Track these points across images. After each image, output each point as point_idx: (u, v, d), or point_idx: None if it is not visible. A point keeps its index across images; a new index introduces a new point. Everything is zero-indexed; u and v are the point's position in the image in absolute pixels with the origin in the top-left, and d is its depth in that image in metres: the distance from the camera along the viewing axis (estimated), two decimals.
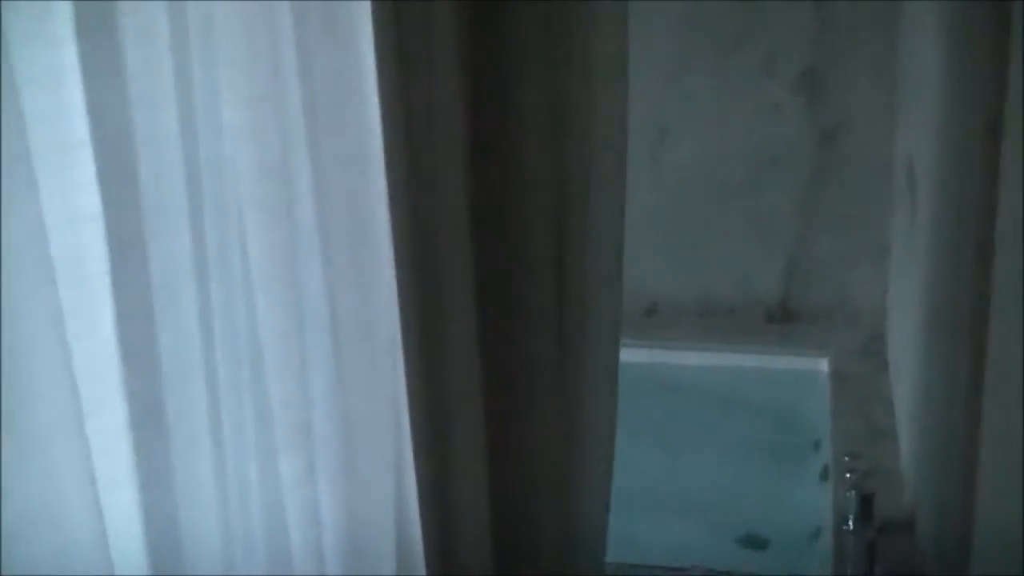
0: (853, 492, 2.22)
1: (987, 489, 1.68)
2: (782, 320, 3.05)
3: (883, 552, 2.14)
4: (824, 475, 2.54)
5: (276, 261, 1.31)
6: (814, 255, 3.01)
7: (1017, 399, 1.55)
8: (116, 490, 1.16)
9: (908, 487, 2.33)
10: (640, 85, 1.66)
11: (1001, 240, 1.64)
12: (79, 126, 1.10)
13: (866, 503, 2.20)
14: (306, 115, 1.31)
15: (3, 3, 0.79)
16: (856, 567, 2.13)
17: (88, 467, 1.07)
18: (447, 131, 1.46)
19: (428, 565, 1.48)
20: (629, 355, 1.85)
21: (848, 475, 2.34)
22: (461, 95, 1.48)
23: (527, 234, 1.62)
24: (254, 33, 1.25)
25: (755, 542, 2.58)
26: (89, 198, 1.11)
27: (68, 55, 1.08)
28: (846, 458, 2.41)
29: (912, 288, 2.47)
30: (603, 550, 1.78)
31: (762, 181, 2.98)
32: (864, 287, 2.98)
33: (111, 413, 1.16)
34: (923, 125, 2.39)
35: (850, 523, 2.20)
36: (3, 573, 0.98)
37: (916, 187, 2.44)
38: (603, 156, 1.63)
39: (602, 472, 1.76)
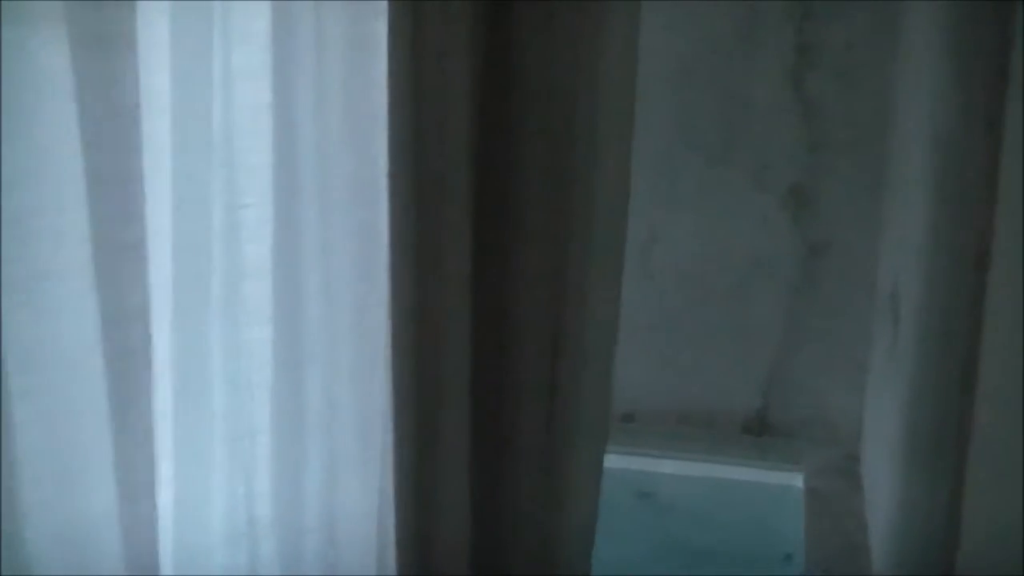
0: None
1: None
2: (759, 432, 3.05)
3: None
4: None
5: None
6: (793, 369, 3.02)
7: (996, 527, 1.55)
8: None
9: None
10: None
11: (985, 370, 1.65)
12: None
13: None
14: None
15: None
16: None
17: None
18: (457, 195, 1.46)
19: None
20: (605, 460, 1.84)
21: None
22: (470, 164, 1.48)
23: (523, 297, 1.60)
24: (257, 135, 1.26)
25: None
26: None
27: None
28: (820, 574, 2.40)
29: (890, 411, 2.47)
30: None
31: (746, 292, 2.99)
32: (841, 404, 2.99)
33: None
34: (909, 251, 2.40)
35: None
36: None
37: (899, 312, 2.45)
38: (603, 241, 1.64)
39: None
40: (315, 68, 1.28)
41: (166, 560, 1.27)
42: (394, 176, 1.36)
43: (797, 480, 2.85)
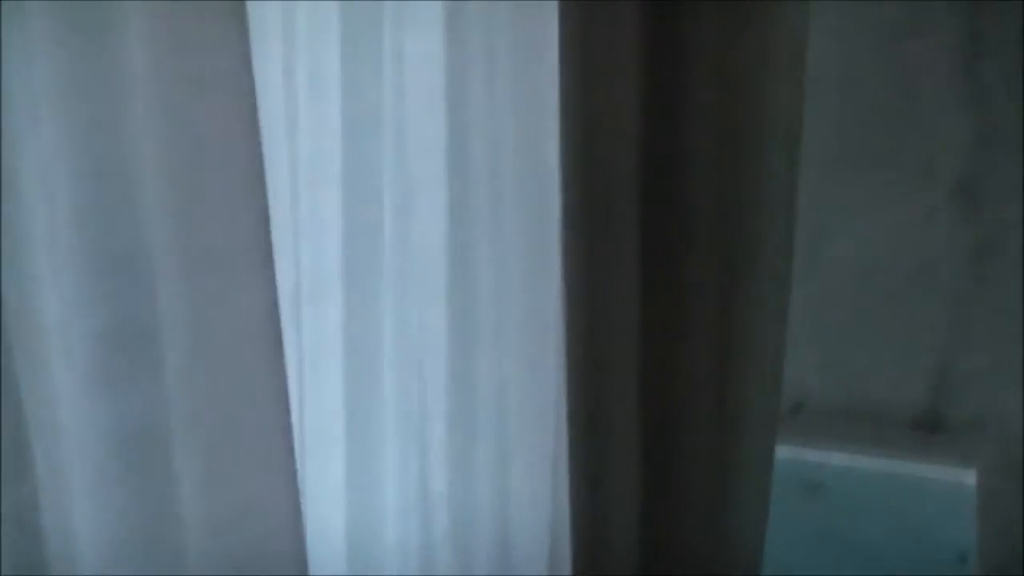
0: None
1: None
2: (929, 429, 2.99)
3: None
4: None
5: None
6: (963, 366, 2.95)
7: None
8: None
9: None
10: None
11: None
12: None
13: None
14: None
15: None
16: None
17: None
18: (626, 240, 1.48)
19: None
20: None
21: None
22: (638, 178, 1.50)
23: (693, 290, 1.62)
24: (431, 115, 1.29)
25: None
26: None
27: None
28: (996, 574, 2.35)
29: None
30: None
31: (914, 289, 2.94)
32: (1014, 403, 2.91)
33: None
34: None
35: None
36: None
37: None
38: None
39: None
40: (487, 53, 1.31)
41: (339, 535, 1.30)
42: (565, 163, 1.38)
43: (970, 478, 2.78)
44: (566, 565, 1.47)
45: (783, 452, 2.65)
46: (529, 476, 1.44)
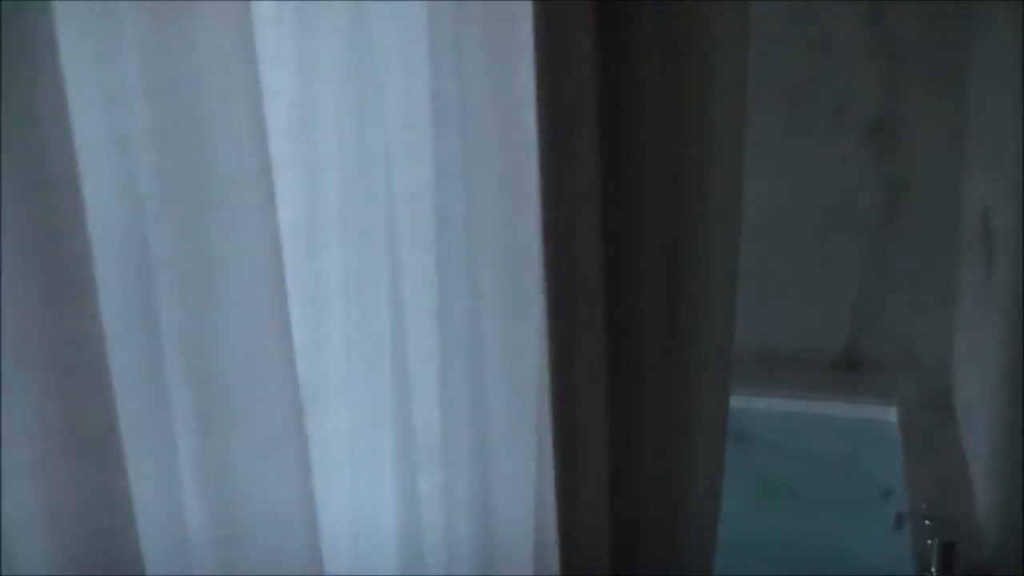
0: (935, 540, 2.23)
1: None
2: (847, 369, 3.06)
3: None
4: (898, 524, 2.53)
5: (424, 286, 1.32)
6: (879, 306, 3.03)
7: None
8: None
9: (989, 539, 2.33)
10: None
11: None
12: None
13: (948, 551, 2.20)
14: (462, 142, 1.33)
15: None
16: None
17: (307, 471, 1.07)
18: (588, 183, 1.49)
19: None
20: None
21: (927, 523, 2.34)
22: (598, 148, 1.51)
23: (647, 273, 1.64)
24: (414, 59, 1.27)
25: None
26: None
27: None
28: (923, 506, 2.42)
29: (987, 344, 2.48)
30: None
31: (829, 232, 3.00)
32: (929, 339, 3.00)
33: None
34: (1000, 177, 2.41)
35: (932, 572, 2.21)
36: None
37: (992, 239, 2.45)
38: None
39: (710, 510, 1.77)
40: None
41: (343, 480, 1.30)
42: (539, 103, 1.38)
43: (890, 415, 2.86)
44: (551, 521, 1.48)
45: None
46: (510, 414, 1.44)
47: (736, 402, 2.88)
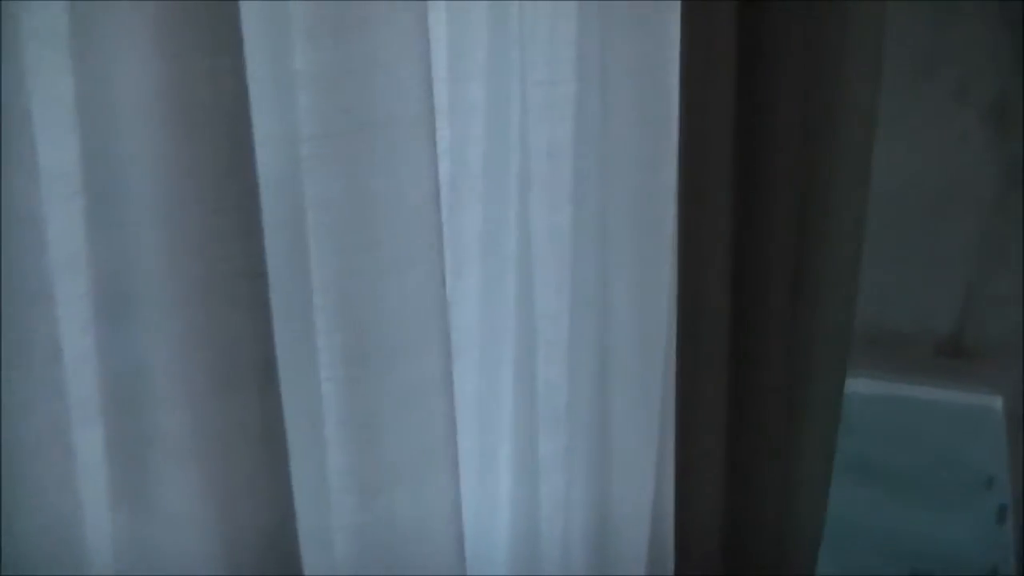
0: None
1: None
2: (953, 355, 3.01)
3: None
4: (1001, 516, 2.50)
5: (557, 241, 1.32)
6: (991, 290, 2.98)
7: None
8: None
9: None
10: None
11: None
12: None
13: None
14: (603, 101, 1.32)
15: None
16: None
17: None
18: (725, 132, 1.48)
19: (678, 565, 1.48)
20: None
21: None
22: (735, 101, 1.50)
23: (772, 250, 1.63)
24: (560, 17, 1.26)
25: None
26: None
27: None
28: None
29: None
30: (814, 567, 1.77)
31: (943, 212, 2.95)
32: None
33: None
34: None
35: None
36: None
37: None
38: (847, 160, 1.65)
39: (820, 490, 1.76)
40: None
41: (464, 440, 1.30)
42: (682, 68, 1.36)
43: (996, 403, 2.81)
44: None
45: None
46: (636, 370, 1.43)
47: None
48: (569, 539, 1.40)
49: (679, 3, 1.34)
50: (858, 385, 2.90)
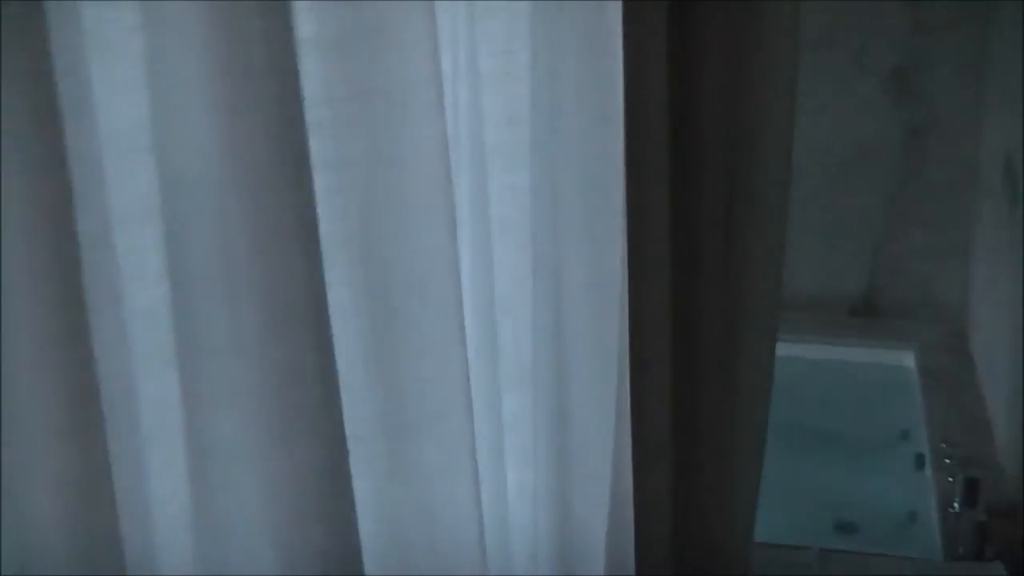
0: (959, 476, 2.35)
1: None
2: (865, 314, 3.18)
3: (991, 535, 2.27)
4: (918, 464, 2.66)
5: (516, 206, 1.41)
6: (899, 249, 3.14)
7: None
8: None
9: (1010, 474, 2.46)
10: None
11: None
12: None
13: (972, 486, 2.33)
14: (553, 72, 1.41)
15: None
16: (967, 546, 2.26)
17: None
18: (656, 105, 1.57)
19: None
20: None
21: (948, 461, 2.47)
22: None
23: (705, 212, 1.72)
24: None
25: (847, 525, 2.71)
26: None
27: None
28: (943, 445, 2.55)
29: (1005, 285, 2.60)
30: (752, 532, 1.88)
31: (848, 177, 3.11)
32: (948, 284, 3.11)
33: None
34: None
35: (955, 506, 2.34)
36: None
37: (1016, 183, 2.57)
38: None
39: (755, 446, 1.87)
40: None
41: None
42: (625, 48, 1.46)
43: (908, 359, 2.98)
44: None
45: None
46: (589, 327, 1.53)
47: None
48: (537, 494, 1.50)
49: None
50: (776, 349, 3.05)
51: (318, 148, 0.96)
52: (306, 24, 0.98)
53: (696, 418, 1.78)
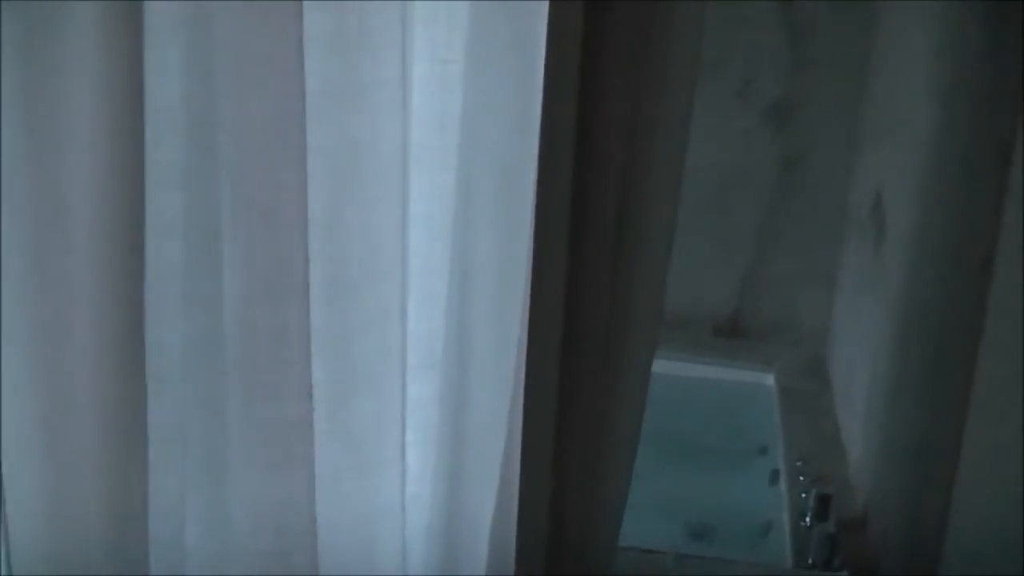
0: (812, 491, 2.56)
1: (961, 495, 1.99)
2: (731, 335, 3.38)
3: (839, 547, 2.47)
4: (773, 478, 2.87)
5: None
6: (766, 275, 3.36)
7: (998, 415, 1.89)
8: None
9: (859, 492, 2.67)
10: None
11: (1001, 260, 1.94)
12: None
13: (823, 501, 2.53)
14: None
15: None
16: (817, 557, 2.46)
17: None
18: (566, 116, 1.73)
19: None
20: None
21: (802, 478, 2.68)
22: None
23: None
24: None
25: (703, 532, 2.91)
26: None
27: None
28: (798, 463, 2.76)
29: (866, 315, 2.82)
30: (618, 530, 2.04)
31: (723, 202, 3.31)
32: (810, 311, 3.34)
33: None
34: (895, 161, 2.74)
35: (807, 519, 2.54)
36: None
37: (884, 219, 2.79)
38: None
39: (628, 452, 2.02)
40: None
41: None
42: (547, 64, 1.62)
43: (768, 379, 3.20)
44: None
45: None
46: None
47: None
48: (437, 474, 1.65)
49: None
50: None
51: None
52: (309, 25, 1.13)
53: (576, 418, 1.93)
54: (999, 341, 1.91)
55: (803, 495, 2.59)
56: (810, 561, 2.45)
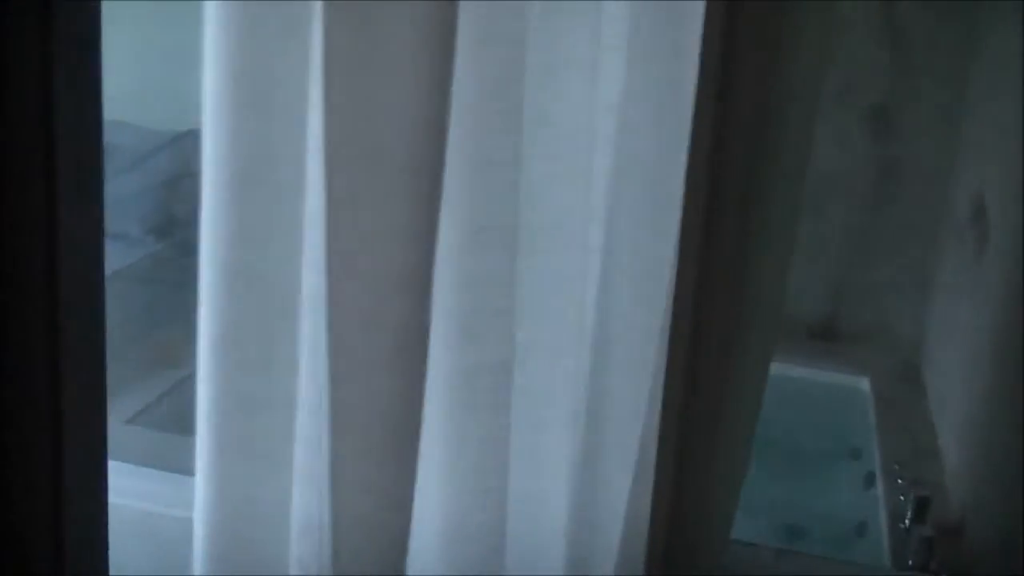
0: (911, 493, 2.63)
1: None
2: (824, 338, 3.46)
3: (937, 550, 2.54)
4: (868, 482, 2.94)
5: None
6: (863, 280, 3.42)
7: None
8: None
9: (955, 498, 2.74)
10: None
11: None
12: None
13: (923, 504, 2.60)
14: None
15: None
16: (915, 559, 2.53)
17: None
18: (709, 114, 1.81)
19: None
20: None
21: (900, 481, 2.75)
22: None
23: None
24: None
25: (797, 533, 2.98)
26: None
27: None
28: (896, 466, 2.82)
29: (966, 320, 2.88)
30: (732, 520, 2.12)
31: (822, 205, 3.38)
32: (903, 316, 3.40)
33: None
34: (999, 168, 2.79)
35: (906, 521, 2.61)
36: None
37: (986, 226, 2.84)
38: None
39: (744, 447, 2.10)
40: None
41: None
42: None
43: (863, 384, 3.27)
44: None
45: None
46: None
47: None
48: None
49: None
50: None
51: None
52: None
53: (699, 410, 2.00)
54: None
55: (902, 497, 2.65)
56: (910, 563, 2.51)
